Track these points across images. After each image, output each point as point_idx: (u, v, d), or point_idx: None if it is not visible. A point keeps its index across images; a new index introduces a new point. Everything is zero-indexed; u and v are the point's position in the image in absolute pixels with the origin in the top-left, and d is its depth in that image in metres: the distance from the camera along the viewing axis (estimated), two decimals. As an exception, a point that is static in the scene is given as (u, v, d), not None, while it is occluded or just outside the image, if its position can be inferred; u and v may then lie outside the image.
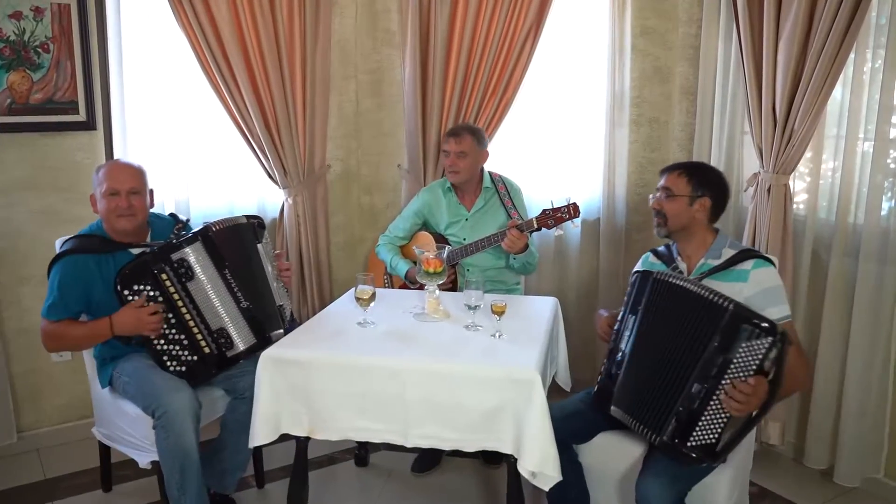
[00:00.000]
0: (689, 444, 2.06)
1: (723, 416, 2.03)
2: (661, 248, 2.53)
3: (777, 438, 3.13)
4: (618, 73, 3.68)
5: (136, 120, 3.28)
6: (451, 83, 3.51)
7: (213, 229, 2.54)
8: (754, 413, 2.02)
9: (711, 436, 2.04)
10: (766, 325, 1.98)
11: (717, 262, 2.32)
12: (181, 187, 3.37)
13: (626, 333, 2.28)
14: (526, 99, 3.66)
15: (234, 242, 2.60)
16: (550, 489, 2.15)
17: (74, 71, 3.07)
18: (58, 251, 2.55)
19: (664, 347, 2.16)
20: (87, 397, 2.84)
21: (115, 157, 3.20)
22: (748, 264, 2.27)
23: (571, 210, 2.90)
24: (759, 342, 1.98)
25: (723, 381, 2.01)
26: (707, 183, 2.36)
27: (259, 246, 2.69)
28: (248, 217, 2.71)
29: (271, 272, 2.71)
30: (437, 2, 3.40)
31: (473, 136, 3.13)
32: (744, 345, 1.99)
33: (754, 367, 1.98)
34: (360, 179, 3.85)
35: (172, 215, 2.81)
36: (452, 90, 3.50)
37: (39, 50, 3.00)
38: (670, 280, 2.21)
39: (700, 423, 2.05)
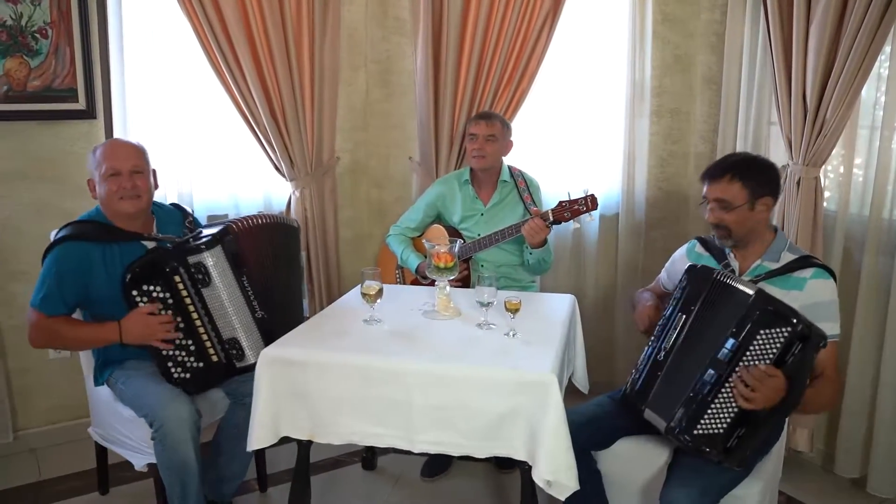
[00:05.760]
0: (695, 432, 1.96)
1: (732, 406, 1.93)
2: (710, 238, 2.36)
3: (805, 445, 2.98)
4: (638, 62, 3.56)
5: (137, 108, 3.17)
6: (465, 72, 3.37)
7: (236, 229, 2.38)
8: (769, 410, 1.90)
9: (719, 426, 1.94)
10: (785, 311, 1.89)
11: (774, 266, 2.17)
12: (184, 179, 3.25)
13: (672, 333, 2.13)
14: (542, 89, 3.53)
15: (258, 244, 2.45)
16: (567, 498, 2.01)
17: (74, 57, 2.97)
18: (52, 240, 2.38)
19: (701, 345, 2.04)
20: (84, 397, 2.73)
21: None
22: (807, 272, 2.13)
23: (589, 202, 2.78)
24: (777, 330, 1.89)
25: (737, 369, 1.93)
26: (763, 181, 2.17)
27: (298, 253, 2.57)
28: (282, 219, 2.60)
29: (302, 280, 2.58)
30: (450, -12, 3.27)
31: (502, 123, 3.11)
32: (762, 332, 1.91)
33: (771, 356, 1.90)
34: (368, 173, 3.72)
35: (176, 206, 2.67)
36: (466, 80, 3.37)
37: (37, 35, 2.89)
38: (728, 281, 2.05)
39: (709, 411, 1.95)
